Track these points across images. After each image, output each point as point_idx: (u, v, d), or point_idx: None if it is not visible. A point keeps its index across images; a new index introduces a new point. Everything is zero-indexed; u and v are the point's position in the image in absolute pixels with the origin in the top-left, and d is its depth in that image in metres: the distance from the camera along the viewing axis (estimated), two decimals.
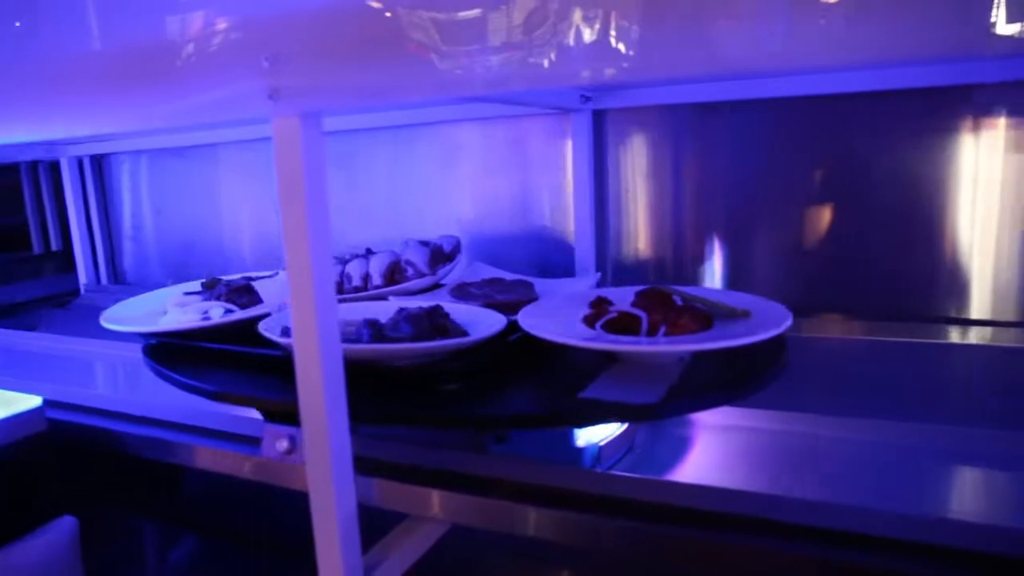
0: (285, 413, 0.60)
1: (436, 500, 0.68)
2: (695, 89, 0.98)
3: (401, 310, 0.71)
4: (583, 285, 0.86)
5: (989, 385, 0.85)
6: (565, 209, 1.09)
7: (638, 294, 0.73)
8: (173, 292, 0.90)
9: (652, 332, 0.65)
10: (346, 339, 0.65)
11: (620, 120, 1.05)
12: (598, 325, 0.68)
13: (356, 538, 0.56)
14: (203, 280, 0.90)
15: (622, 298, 0.75)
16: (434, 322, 0.68)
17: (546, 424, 0.57)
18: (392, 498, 0.69)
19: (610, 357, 0.67)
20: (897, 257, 0.92)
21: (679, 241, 1.05)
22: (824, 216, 0.96)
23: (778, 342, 0.66)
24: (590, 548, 0.63)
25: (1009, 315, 0.88)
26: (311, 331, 0.51)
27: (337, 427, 0.53)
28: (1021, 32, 0.35)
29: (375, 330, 0.65)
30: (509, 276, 0.91)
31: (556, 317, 0.70)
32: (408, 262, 0.91)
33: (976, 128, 0.86)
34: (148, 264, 1.58)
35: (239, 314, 0.76)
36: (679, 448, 0.71)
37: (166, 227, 1.54)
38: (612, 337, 0.63)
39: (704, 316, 0.66)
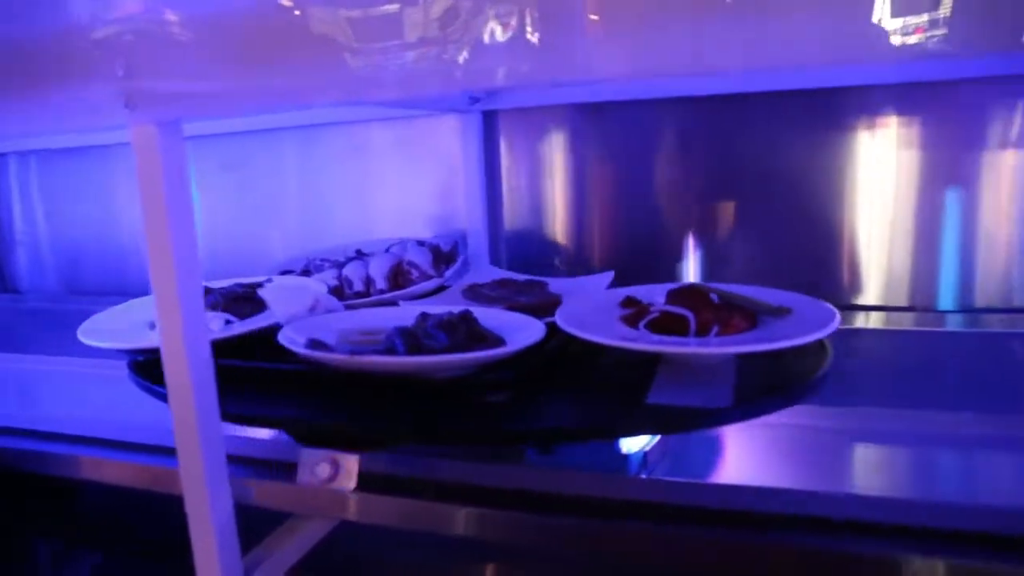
0: (323, 435, 0.55)
1: (321, 498, 0.67)
2: (585, 90, 1.00)
3: (426, 316, 0.66)
4: (600, 283, 0.83)
5: (891, 366, 0.89)
6: (460, 208, 1.10)
7: (672, 292, 0.70)
8: (150, 301, 0.81)
9: (702, 332, 0.63)
10: (376, 351, 0.60)
11: (511, 120, 1.07)
12: (641, 325, 0.66)
13: (234, 540, 0.56)
14: None
15: (652, 296, 0.73)
16: (469, 329, 0.64)
17: (619, 434, 0.54)
18: (274, 497, 0.69)
19: (652, 358, 0.65)
20: (796, 249, 0.97)
21: (575, 238, 1.07)
22: (722, 211, 1.00)
23: None
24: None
25: (902, 301, 0.94)
26: (177, 336, 0.52)
27: (208, 429, 0.53)
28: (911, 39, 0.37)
29: (410, 340, 0.60)
30: (519, 276, 0.87)
31: (594, 319, 0.67)
32: (411, 263, 0.86)
33: (870, 126, 0.91)
34: (42, 272, 1.47)
35: (245, 325, 0.69)
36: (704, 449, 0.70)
37: (59, 232, 1.43)
38: (672, 339, 0.61)
39: (750, 314, 0.65)
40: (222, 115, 1.08)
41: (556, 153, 1.07)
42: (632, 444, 0.65)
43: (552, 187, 1.08)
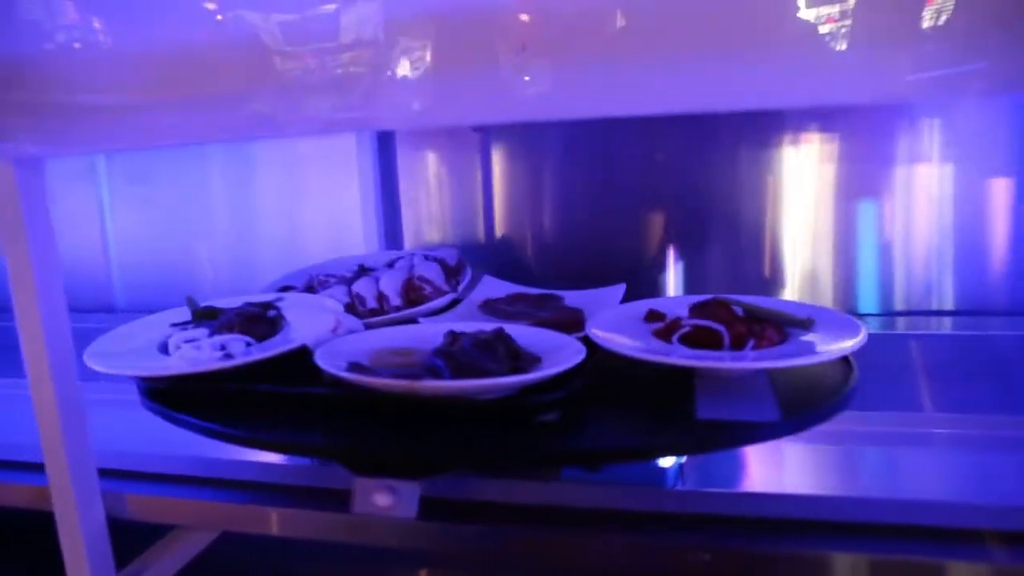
0: (378, 462, 0.53)
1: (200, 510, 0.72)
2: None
3: (457, 336, 0.66)
4: (613, 296, 0.84)
5: None
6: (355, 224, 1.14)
7: (696, 306, 0.72)
8: (154, 322, 0.78)
9: (737, 346, 0.64)
10: (412, 373, 0.59)
11: (408, 140, 1.13)
12: (675, 339, 0.67)
13: (107, 554, 0.59)
14: (195, 308, 0.78)
15: (673, 309, 0.74)
16: (507, 347, 0.63)
17: (680, 451, 0.55)
18: (152, 510, 0.72)
19: (686, 372, 0.66)
20: (729, 259, 1.04)
21: (480, 252, 1.13)
22: (650, 223, 1.07)
23: None
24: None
25: (826, 302, 1.02)
26: (41, 357, 0.57)
27: (75, 443, 0.57)
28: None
29: (451, 362, 0.60)
30: (532, 290, 0.87)
31: (628, 334, 0.68)
32: (422, 279, 0.85)
33: (794, 142, 0.99)
34: None
35: (270, 348, 0.66)
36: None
37: None
38: (719, 355, 0.62)
39: (779, 327, 0.67)
40: (86, 153, 1.16)
41: (464, 169, 1.11)
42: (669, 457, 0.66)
43: (458, 202, 1.12)
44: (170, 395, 0.65)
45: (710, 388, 0.62)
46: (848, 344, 0.60)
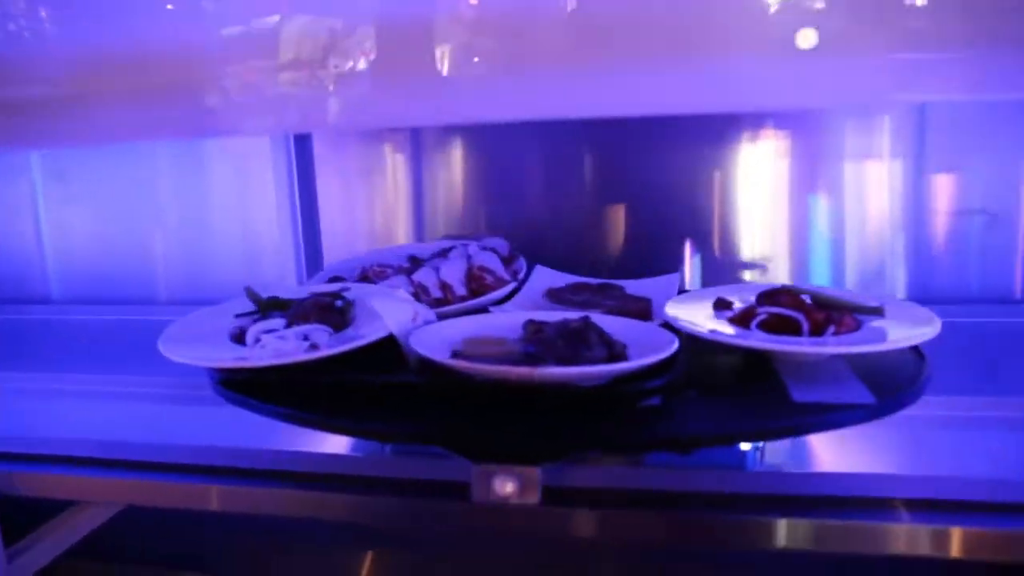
0: (496, 450, 0.54)
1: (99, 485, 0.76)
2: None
3: (539, 325, 0.67)
4: (670, 285, 0.86)
5: None
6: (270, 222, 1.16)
7: (765, 294, 0.74)
8: (215, 314, 0.77)
9: (816, 332, 0.67)
10: (516, 361, 0.60)
11: (325, 141, 1.14)
12: (753, 326, 0.69)
13: None
14: (257, 298, 0.77)
15: (741, 297, 0.76)
16: (599, 335, 0.65)
17: (787, 434, 0.57)
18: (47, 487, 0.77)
19: (763, 358, 0.68)
20: (675, 249, 1.06)
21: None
22: (612, 215, 1.09)
23: None
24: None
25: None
26: None
27: None
28: None
29: (553, 350, 0.61)
30: (592, 280, 0.88)
31: (705, 321, 0.70)
32: (483, 268, 0.86)
33: (753, 139, 1.03)
34: None
35: (358, 338, 0.66)
36: None
37: None
38: (814, 340, 0.65)
39: (852, 314, 0.70)
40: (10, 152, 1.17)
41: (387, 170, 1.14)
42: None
43: (383, 205, 1.14)
44: (257, 386, 0.64)
45: (793, 374, 0.64)
46: (927, 330, 0.63)
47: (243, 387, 0.65)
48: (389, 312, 0.68)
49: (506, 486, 0.52)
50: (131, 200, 1.26)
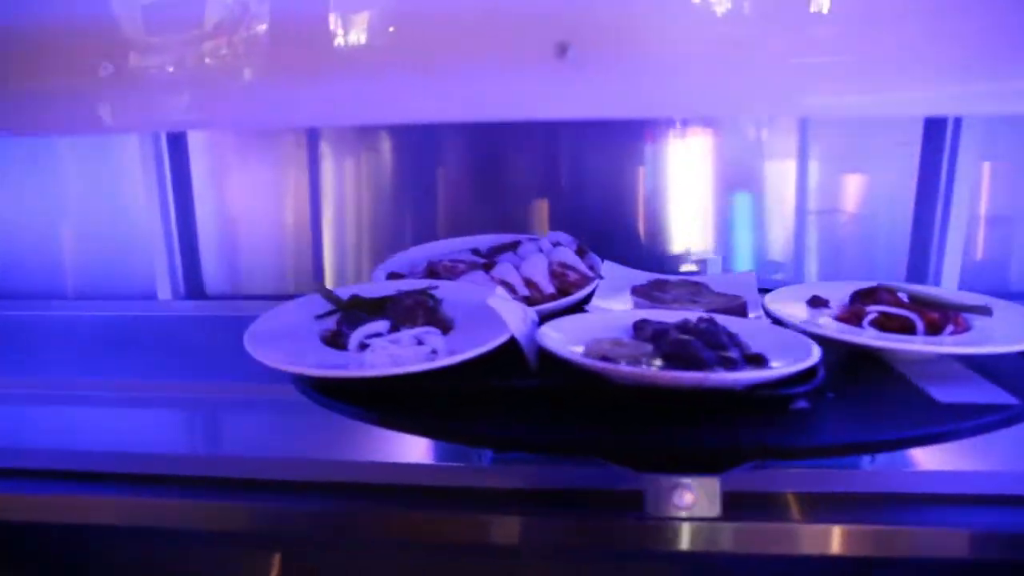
0: (664, 460, 0.51)
1: None
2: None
3: (667, 326, 0.64)
4: (749, 281, 0.84)
5: None
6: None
7: (861, 292, 0.75)
8: (294, 314, 0.71)
9: (933, 331, 0.67)
10: (645, 360, 0.57)
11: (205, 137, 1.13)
12: (865, 323, 0.69)
13: None
14: (333, 298, 0.72)
15: (833, 295, 0.76)
16: (728, 336, 0.63)
17: (946, 438, 0.56)
18: None
19: (877, 359, 0.68)
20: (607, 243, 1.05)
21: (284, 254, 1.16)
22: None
23: None
24: None
25: None
26: None
27: None
28: None
29: (690, 353, 0.58)
30: (671, 277, 0.86)
31: (809, 319, 0.70)
32: (564, 264, 0.82)
33: (681, 136, 1.07)
34: None
35: (484, 343, 0.62)
36: None
37: None
38: (934, 339, 0.64)
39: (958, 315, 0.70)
40: None
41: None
42: None
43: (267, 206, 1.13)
44: (362, 393, 0.59)
45: (918, 375, 0.64)
46: None
47: (344, 394, 0.60)
48: (509, 314, 0.64)
49: (685, 497, 0.50)
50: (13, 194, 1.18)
